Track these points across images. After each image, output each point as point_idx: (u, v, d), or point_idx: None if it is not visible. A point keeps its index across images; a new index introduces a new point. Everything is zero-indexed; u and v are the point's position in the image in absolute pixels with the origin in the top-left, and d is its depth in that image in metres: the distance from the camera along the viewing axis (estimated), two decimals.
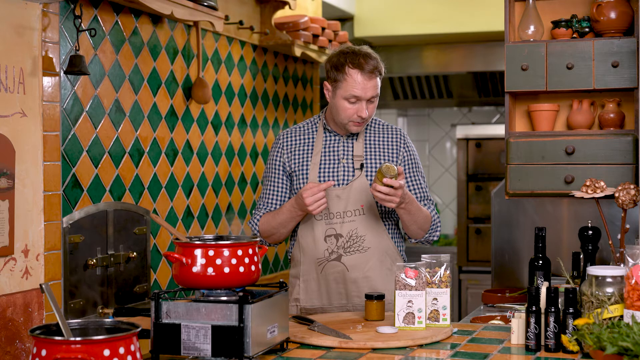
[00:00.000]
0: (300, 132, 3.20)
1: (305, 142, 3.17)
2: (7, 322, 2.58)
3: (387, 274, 3.10)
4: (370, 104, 3.04)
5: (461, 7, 5.99)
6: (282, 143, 3.19)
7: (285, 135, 3.21)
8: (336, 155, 3.12)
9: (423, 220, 3.07)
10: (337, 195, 3.07)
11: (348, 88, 3.01)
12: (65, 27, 2.98)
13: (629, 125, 3.14)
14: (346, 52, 3.06)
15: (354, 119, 3.03)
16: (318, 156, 3.13)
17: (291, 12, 4.70)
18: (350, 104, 3.02)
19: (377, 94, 3.05)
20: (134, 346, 1.98)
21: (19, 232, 2.66)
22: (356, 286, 3.08)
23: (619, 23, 3.08)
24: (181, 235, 2.45)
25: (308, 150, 3.15)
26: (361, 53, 3.04)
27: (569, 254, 3.43)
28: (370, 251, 3.08)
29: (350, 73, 3.00)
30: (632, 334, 2.17)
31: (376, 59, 3.05)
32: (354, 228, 3.07)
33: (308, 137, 3.18)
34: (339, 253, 3.08)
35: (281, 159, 3.17)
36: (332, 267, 3.09)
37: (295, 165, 3.14)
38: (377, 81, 3.04)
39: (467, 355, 2.44)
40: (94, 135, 3.15)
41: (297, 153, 3.16)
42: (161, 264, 3.55)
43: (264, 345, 2.36)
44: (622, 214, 2.89)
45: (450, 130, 7.43)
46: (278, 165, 3.18)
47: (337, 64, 3.04)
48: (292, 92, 4.86)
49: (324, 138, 3.16)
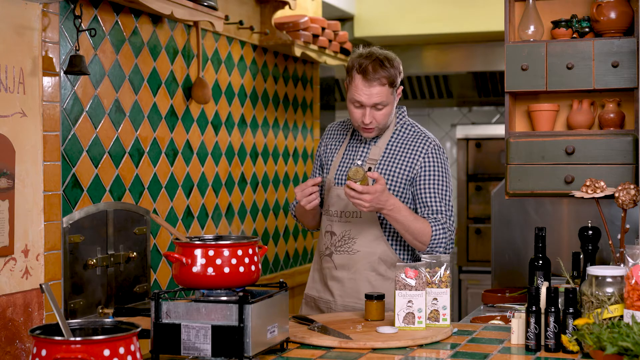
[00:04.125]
0: (340, 127, 3.26)
1: (340, 138, 3.23)
2: (7, 322, 2.58)
3: (377, 280, 3.07)
4: (376, 111, 2.98)
5: (461, 7, 5.99)
6: (325, 135, 3.29)
7: (330, 127, 3.30)
8: (355, 157, 3.13)
9: (417, 232, 2.95)
10: (337, 195, 3.08)
11: (352, 92, 2.99)
12: (65, 27, 2.98)
13: (629, 125, 3.14)
14: (360, 54, 3.01)
15: (360, 124, 3.01)
16: (340, 155, 3.17)
17: (291, 12, 4.70)
18: (356, 108, 3.00)
19: (382, 102, 2.96)
20: (134, 346, 1.99)
21: (19, 232, 2.66)
22: (340, 285, 3.09)
23: (619, 23, 3.08)
24: (181, 235, 2.45)
25: (338, 146, 3.21)
26: (373, 58, 2.96)
27: (569, 254, 3.43)
28: (359, 255, 3.07)
29: (354, 77, 2.98)
30: (632, 334, 2.17)
31: (389, 68, 2.96)
32: (347, 229, 3.08)
33: (344, 134, 3.23)
34: (332, 250, 3.11)
35: (320, 150, 3.28)
36: (327, 262, 3.14)
37: (325, 159, 3.23)
38: (382, 89, 2.95)
39: (467, 355, 2.44)
40: (94, 135, 3.15)
41: (330, 147, 3.24)
42: (161, 264, 3.54)
43: (264, 345, 2.37)
44: (622, 214, 2.89)
45: (450, 130, 7.43)
46: (318, 155, 3.29)
47: (349, 66, 3.02)
48: (292, 92, 4.85)
49: (351, 138, 3.19)
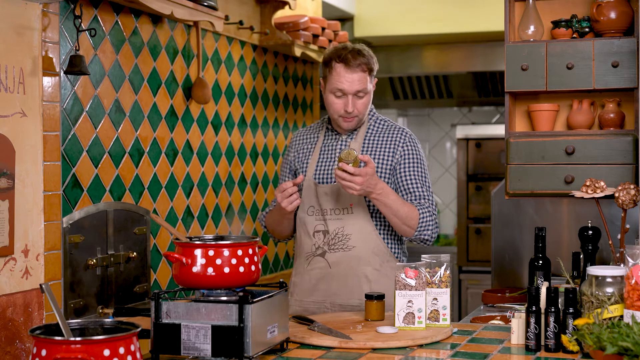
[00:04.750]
0: (309, 131, 3.30)
1: (310, 141, 3.25)
2: (7, 322, 2.58)
3: (374, 274, 3.09)
4: (358, 99, 3.06)
5: (461, 7, 5.99)
6: (293, 142, 3.31)
7: (296, 134, 3.33)
8: (333, 154, 3.17)
9: (405, 215, 3.01)
10: (325, 193, 3.09)
11: (333, 81, 3.06)
12: (65, 27, 2.98)
13: (629, 125, 3.14)
14: (337, 47, 3.12)
15: (341, 113, 3.08)
16: (317, 154, 3.19)
17: (291, 12, 4.70)
18: (337, 98, 3.07)
19: (364, 89, 3.06)
20: (134, 346, 1.99)
21: (19, 232, 2.66)
22: (337, 283, 3.09)
23: (619, 23, 3.08)
24: (181, 235, 2.45)
25: (311, 148, 3.23)
26: (350, 49, 3.07)
27: (569, 254, 3.43)
28: (355, 250, 3.08)
29: (335, 67, 3.06)
30: (632, 334, 2.17)
31: (367, 56, 3.07)
32: (340, 226, 3.08)
33: (314, 136, 3.26)
34: (324, 249, 3.10)
35: (289, 157, 3.29)
36: (316, 263, 3.12)
37: (298, 163, 3.23)
38: (363, 76, 3.05)
39: (467, 355, 2.44)
40: (94, 135, 3.15)
41: (301, 152, 3.24)
42: (161, 264, 3.54)
43: (264, 345, 2.36)
44: (622, 214, 2.89)
45: (450, 130, 7.43)
46: (287, 163, 3.29)
47: (326, 59, 3.12)
48: (292, 92, 4.85)
49: (324, 137, 3.22)
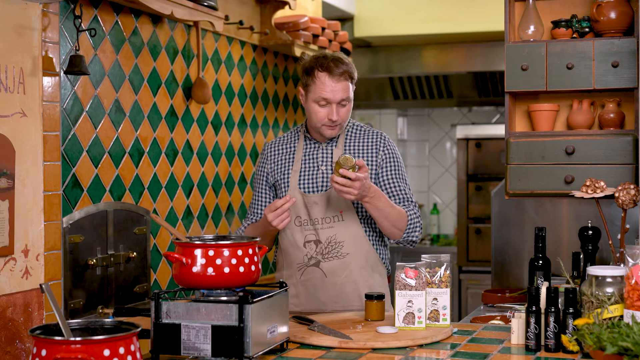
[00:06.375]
0: (283, 142, 3.25)
1: (288, 151, 3.21)
2: (7, 322, 2.58)
3: (370, 277, 3.10)
4: (341, 107, 3.07)
5: (461, 7, 5.99)
6: (266, 154, 3.25)
7: (269, 146, 3.26)
8: (316, 163, 3.14)
9: (395, 218, 3.02)
10: (315, 202, 3.08)
11: (317, 91, 3.05)
12: (65, 27, 2.98)
13: (629, 125, 3.14)
14: (317, 56, 3.11)
15: (325, 122, 3.07)
16: (298, 164, 3.15)
17: (291, 12, 4.70)
18: (321, 107, 3.06)
19: (347, 97, 3.07)
20: (134, 346, 1.99)
21: (19, 232, 2.66)
22: (335, 291, 3.08)
23: (619, 23, 3.08)
24: (181, 235, 2.45)
25: (289, 159, 3.19)
26: (331, 57, 3.08)
27: (569, 254, 3.43)
28: (349, 257, 3.07)
29: (318, 76, 3.05)
30: (632, 334, 2.17)
31: (347, 64, 3.08)
32: (332, 234, 3.07)
33: (290, 146, 3.22)
34: (318, 259, 3.08)
35: (265, 169, 3.23)
36: (311, 273, 3.10)
37: (278, 174, 3.18)
38: (346, 84, 3.06)
39: (467, 355, 2.44)
40: (94, 135, 3.15)
41: (279, 163, 3.19)
42: (161, 264, 3.55)
43: (264, 345, 2.36)
44: (622, 214, 2.89)
45: (450, 130, 7.43)
46: (263, 176, 3.23)
47: (307, 68, 3.10)
48: (292, 92, 4.85)
49: (304, 146, 3.19)
